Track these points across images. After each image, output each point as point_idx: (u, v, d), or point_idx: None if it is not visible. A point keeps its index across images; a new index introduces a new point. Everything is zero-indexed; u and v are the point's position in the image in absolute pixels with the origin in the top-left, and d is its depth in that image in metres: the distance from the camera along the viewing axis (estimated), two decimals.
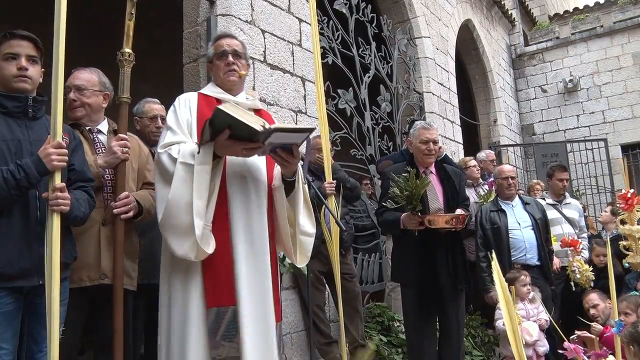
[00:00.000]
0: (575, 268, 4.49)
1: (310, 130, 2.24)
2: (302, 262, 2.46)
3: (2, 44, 2.21)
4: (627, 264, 4.06)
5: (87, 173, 2.36)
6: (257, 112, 2.44)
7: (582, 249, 4.87)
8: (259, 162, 2.33)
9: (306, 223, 2.42)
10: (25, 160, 2.05)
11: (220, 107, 2.01)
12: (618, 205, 4.23)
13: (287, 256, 2.47)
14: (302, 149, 2.30)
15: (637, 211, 3.93)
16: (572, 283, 4.58)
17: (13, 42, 2.20)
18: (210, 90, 2.48)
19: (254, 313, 2.15)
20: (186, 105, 2.35)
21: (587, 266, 4.60)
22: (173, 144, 2.21)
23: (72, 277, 2.41)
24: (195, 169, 2.09)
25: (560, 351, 3.34)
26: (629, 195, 3.73)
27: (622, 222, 3.94)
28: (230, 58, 2.46)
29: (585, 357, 3.17)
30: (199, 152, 2.11)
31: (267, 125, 2.03)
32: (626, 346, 2.58)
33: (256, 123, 2.02)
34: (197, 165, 2.10)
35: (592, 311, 3.81)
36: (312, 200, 3.64)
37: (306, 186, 2.47)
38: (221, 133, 2.07)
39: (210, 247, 2.12)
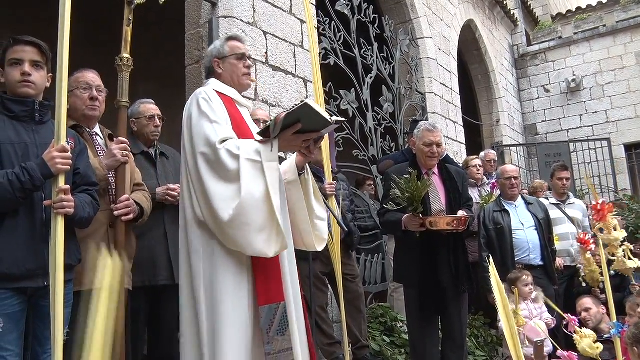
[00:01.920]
0: (580, 266, 4.45)
1: (340, 122, 2.34)
2: (321, 246, 2.51)
3: (8, 50, 2.24)
4: (612, 272, 4.06)
5: (91, 177, 2.38)
6: None
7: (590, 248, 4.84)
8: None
9: (319, 208, 2.49)
10: (30, 163, 2.07)
11: (308, 102, 2.04)
12: (591, 217, 4.24)
13: (306, 246, 2.51)
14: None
15: (613, 217, 3.93)
16: (580, 278, 4.52)
17: (17, 47, 2.23)
18: (223, 88, 2.48)
19: (295, 306, 2.25)
20: (216, 101, 2.33)
21: (595, 266, 4.56)
22: (228, 138, 2.19)
23: (82, 280, 2.43)
24: (266, 166, 2.10)
25: (564, 323, 3.33)
26: (598, 206, 3.74)
27: (601, 230, 3.95)
28: (249, 62, 2.55)
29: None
30: (271, 149, 2.12)
31: (334, 117, 2.12)
32: (630, 347, 2.57)
33: (327, 114, 2.10)
34: (267, 162, 2.11)
35: (583, 314, 3.83)
36: None
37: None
38: (290, 127, 2.11)
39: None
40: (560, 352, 3.16)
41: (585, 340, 3.05)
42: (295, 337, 2.19)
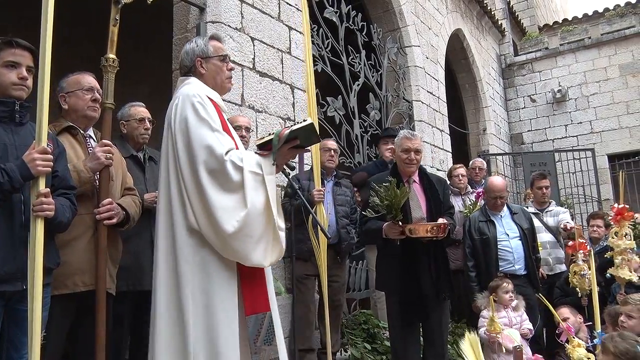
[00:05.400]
0: (585, 272, 4.40)
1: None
2: (279, 257, 2.47)
3: (4, 50, 2.23)
4: (608, 275, 4.11)
5: (69, 180, 2.37)
6: None
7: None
8: None
9: (279, 219, 2.44)
10: (10, 164, 2.05)
11: (313, 122, 2.22)
12: (609, 217, 4.29)
13: None
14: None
15: (628, 227, 4.00)
16: (578, 289, 4.48)
17: (17, 51, 2.24)
18: (212, 93, 2.43)
19: (278, 315, 2.31)
20: (211, 107, 2.30)
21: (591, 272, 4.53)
22: (231, 149, 2.21)
23: (66, 283, 2.43)
24: (267, 179, 2.18)
25: (558, 332, 3.34)
26: (615, 210, 3.81)
27: (615, 233, 4.01)
28: (231, 64, 2.57)
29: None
30: (273, 163, 2.22)
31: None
32: (608, 354, 2.57)
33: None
34: (267, 175, 2.19)
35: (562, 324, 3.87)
36: (299, 209, 3.66)
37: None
38: (288, 142, 2.22)
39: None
40: (561, 324, 3.18)
41: (579, 350, 3.08)
42: (282, 347, 2.26)
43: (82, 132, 2.72)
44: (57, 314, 2.37)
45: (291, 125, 2.23)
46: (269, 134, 2.30)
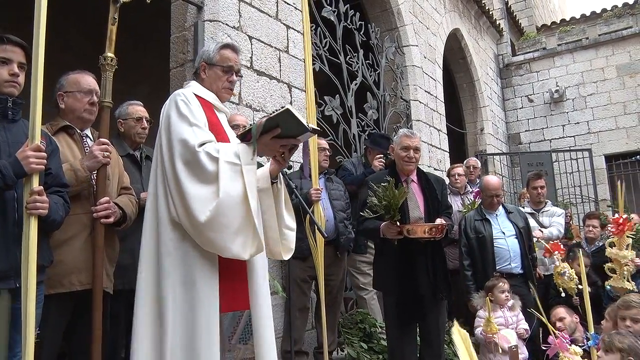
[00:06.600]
0: (565, 271, 4.39)
1: (316, 130, 2.42)
2: (287, 255, 2.50)
3: None
4: (608, 286, 4.11)
5: (62, 178, 2.36)
6: None
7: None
8: None
9: (288, 218, 2.48)
10: (3, 162, 2.04)
11: (290, 108, 2.10)
12: (609, 228, 4.29)
13: (273, 254, 2.50)
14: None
15: (628, 237, 3.99)
16: (560, 289, 4.53)
17: (8, 47, 2.23)
18: (203, 92, 2.45)
19: (266, 315, 2.27)
20: (195, 104, 2.31)
21: (572, 271, 4.56)
22: (207, 142, 2.18)
23: (62, 282, 2.43)
24: (244, 169, 2.13)
25: (545, 346, 3.34)
26: (620, 220, 3.80)
27: (611, 244, 4.00)
28: (235, 77, 2.53)
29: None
30: (252, 153, 2.16)
31: (310, 125, 2.20)
32: (614, 352, 2.56)
33: (305, 121, 2.18)
34: (245, 165, 2.13)
35: (558, 324, 3.88)
36: (297, 208, 3.67)
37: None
38: (268, 132, 2.15)
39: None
40: (550, 337, 3.16)
41: (575, 357, 3.07)
42: (266, 347, 2.20)
43: (78, 131, 2.71)
44: (53, 313, 2.37)
45: (270, 114, 2.19)
46: (249, 124, 2.28)
